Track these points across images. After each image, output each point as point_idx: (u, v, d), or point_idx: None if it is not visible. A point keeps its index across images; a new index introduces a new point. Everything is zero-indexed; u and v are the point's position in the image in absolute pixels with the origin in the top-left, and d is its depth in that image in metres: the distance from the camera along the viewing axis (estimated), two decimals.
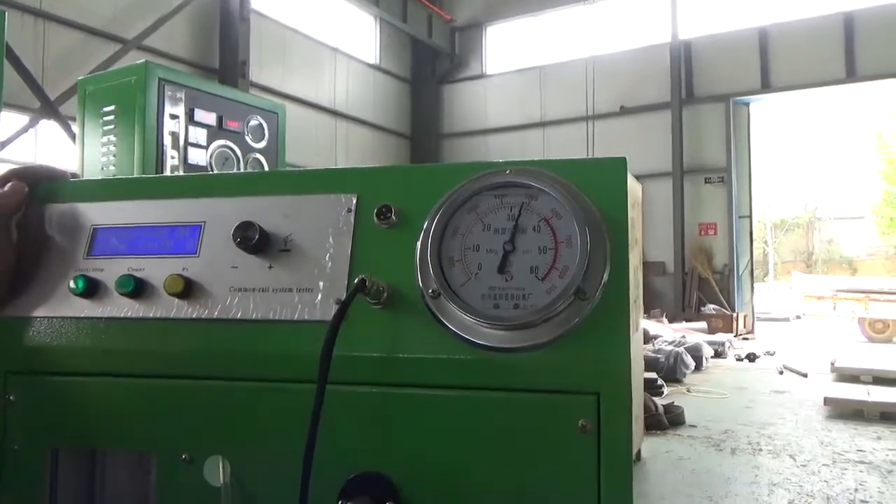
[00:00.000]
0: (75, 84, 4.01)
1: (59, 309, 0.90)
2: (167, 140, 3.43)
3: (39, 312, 0.90)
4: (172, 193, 0.94)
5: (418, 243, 0.82)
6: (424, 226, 0.83)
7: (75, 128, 4.06)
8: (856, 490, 4.55)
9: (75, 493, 0.90)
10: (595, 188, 0.82)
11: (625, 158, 0.83)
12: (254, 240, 0.84)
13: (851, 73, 15.30)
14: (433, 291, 0.80)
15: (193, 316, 0.86)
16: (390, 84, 18.46)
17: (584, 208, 0.79)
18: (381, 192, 0.87)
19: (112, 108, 3.34)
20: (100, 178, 3.26)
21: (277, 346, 0.83)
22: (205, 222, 0.90)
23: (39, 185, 0.97)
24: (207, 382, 0.85)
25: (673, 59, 16.77)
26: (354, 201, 0.87)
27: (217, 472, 0.82)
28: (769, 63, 16.06)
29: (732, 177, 16.61)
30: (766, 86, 16.21)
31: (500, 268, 0.79)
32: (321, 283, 0.84)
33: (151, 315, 0.87)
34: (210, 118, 3.55)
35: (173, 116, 3.45)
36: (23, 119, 9.82)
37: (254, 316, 0.84)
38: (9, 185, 0.94)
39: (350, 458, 0.80)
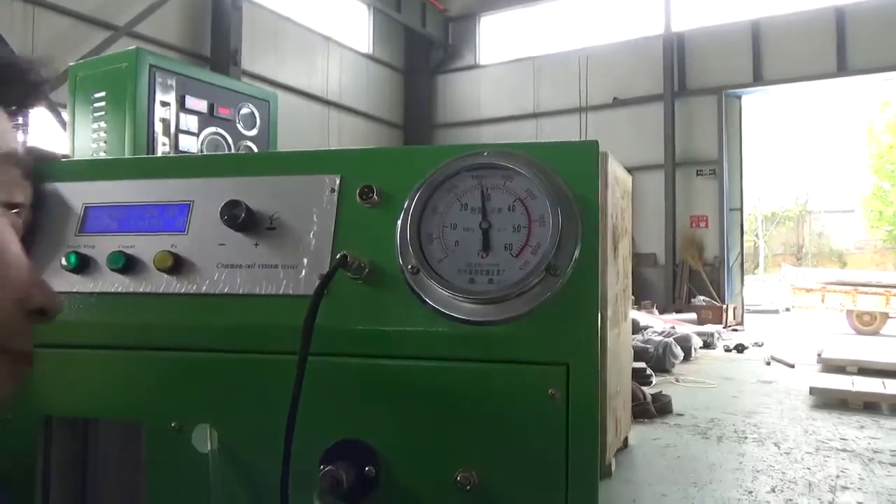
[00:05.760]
0: (65, 71, 4.01)
1: (51, 284, 0.92)
2: (158, 127, 3.44)
3: None
4: (162, 173, 0.97)
5: (398, 222, 0.86)
6: (405, 205, 0.86)
7: (65, 115, 4.05)
8: (837, 477, 4.63)
9: (68, 462, 0.94)
10: (568, 170, 0.85)
11: (597, 142, 0.86)
12: (240, 218, 0.88)
13: (843, 67, 15.38)
14: (412, 267, 0.84)
15: (182, 291, 0.89)
16: (383, 74, 18.41)
17: (557, 189, 0.83)
18: (364, 172, 0.91)
19: (103, 94, 3.34)
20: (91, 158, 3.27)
21: (263, 319, 0.87)
22: (193, 201, 0.93)
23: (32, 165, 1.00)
24: (195, 354, 0.89)
25: (666, 51, 16.80)
26: (338, 182, 0.91)
27: (205, 439, 0.86)
28: (761, 56, 16.12)
29: (724, 169, 16.69)
30: (758, 79, 16.27)
31: (484, 245, 0.83)
32: (305, 260, 0.88)
33: (141, 290, 0.90)
34: (201, 105, 3.56)
35: (164, 104, 3.46)
36: None
37: (240, 291, 0.88)
38: None
39: (332, 426, 0.84)
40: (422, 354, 0.83)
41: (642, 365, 7.95)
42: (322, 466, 0.80)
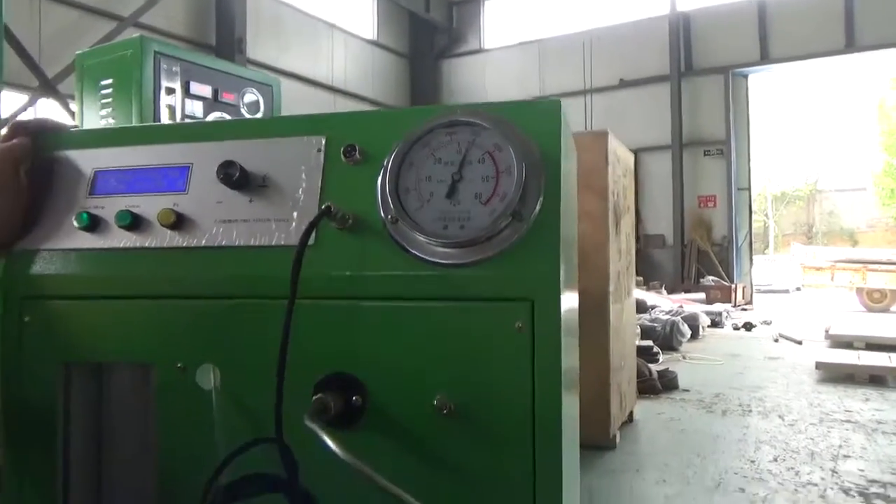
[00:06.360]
0: (72, 62, 4.10)
1: (66, 242, 1.02)
2: (164, 113, 3.52)
3: (49, 245, 1.03)
4: (163, 139, 1.05)
5: (379, 177, 0.94)
6: (384, 162, 0.94)
7: (73, 105, 4.15)
8: (840, 446, 4.70)
9: (86, 403, 1.03)
10: (533, 126, 0.93)
11: (559, 101, 0.94)
12: (235, 176, 0.96)
13: (851, 44, 15.24)
14: (392, 217, 0.92)
15: (184, 245, 0.98)
16: (388, 60, 18.42)
17: (523, 143, 0.90)
18: (347, 133, 0.99)
19: (109, 81, 3.43)
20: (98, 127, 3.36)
21: (258, 268, 0.96)
22: (192, 164, 1.02)
23: (44, 135, 1.09)
24: (198, 301, 0.97)
25: (672, 31, 16.71)
26: (324, 142, 0.99)
27: (208, 377, 0.95)
28: (768, 34, 16.00)
29: (731, 149, 16.64)
30: (764, 57, 16.17)
31: (456, 195, 0.91)
32: (295, 214, 0.96)
33: (147, 245, 0.99)
34: (206, 91, 3.64)
35: (169, 90, 3.54)
36: (22, 98, 9.90)
37: (237, 243, 0.96)
38: (15, 139, 1.06)
39: (323, 361, 0.93)
40: (402, 295, 0.91)
41: (649, 343, 8.02)
42: (315, 397, 0.89)
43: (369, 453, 0.83)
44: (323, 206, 0.90)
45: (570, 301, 1.10)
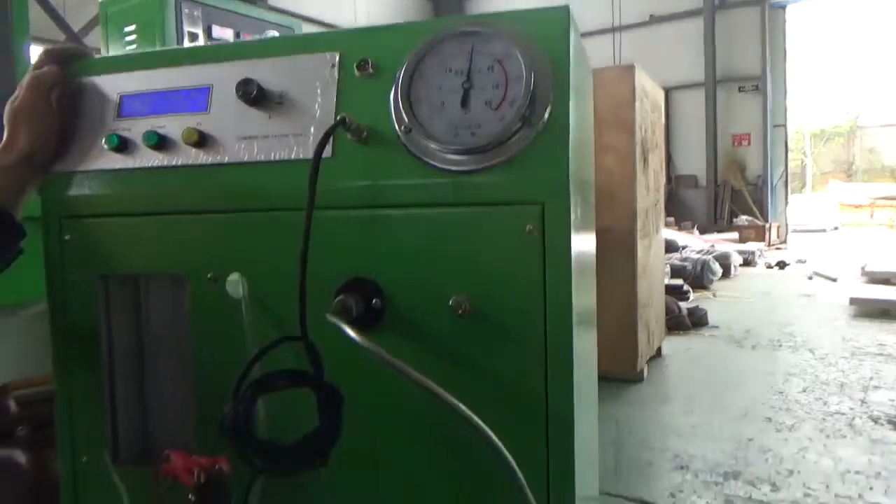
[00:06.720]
0: (96, 15, 4.12)
1: (98, 163, 1.07)
2: None
3: (83, 167, 1.08)
4: (183, 61, 1.09)
5: (392, 89, 0.96)
6: (397, 74, 0.96)
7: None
8: (871, 378, 4.69)
9: (125, 313, 1.10)
10: (542, 33, 0.94)
11: (568, 7, 0.94)
12: (253, 93, 0.99)
13: None
14: (405, 127, 0.94)
15: (208, 162, 1.03)
16: (412, 3, 18.09)
17: (531, 50, 0.92)
18: (360, 49, 1.01)
19: (133, 27, 3.46)
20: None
21: (279, 181, 1.00)
22: (212, 84, 1.05)
23: (71, 62, 1.13)
24: (224, 215, 1.02)
25: None
26: (338, 58, 1.01)
27: (237, 287, 1.00)
28: None
29: (767, 85, 16.11)
30: None
31: (467, 103, 0.93)
32: (312, 128, 0.99)
33: (174, 163, 1.04)
34: (227, 34, 3.65)
35: (193, 35, 3.55)
36: None
37: (258, 158, 1.00)
38: (45, 66, 1.11)
39: (343, 267, 0.97)
40: (417, 202, 0.95)
41: (679, 281, 8.00)
42: (336, 299, 0.94)
43: (389, 351, 0.87)
44: (338, 117, 0.93)
45: (585, 241, 1.12)
